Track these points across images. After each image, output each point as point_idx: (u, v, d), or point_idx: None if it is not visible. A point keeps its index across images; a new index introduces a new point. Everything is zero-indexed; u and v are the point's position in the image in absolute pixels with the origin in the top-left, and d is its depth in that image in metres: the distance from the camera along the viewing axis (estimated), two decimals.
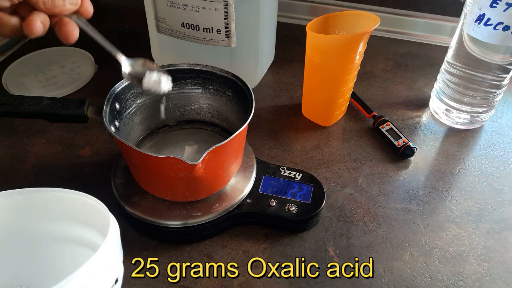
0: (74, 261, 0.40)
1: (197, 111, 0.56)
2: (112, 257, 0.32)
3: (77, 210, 0.38)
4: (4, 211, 0.38)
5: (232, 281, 0.44)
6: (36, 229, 0.40)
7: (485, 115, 0.62)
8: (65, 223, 0.39)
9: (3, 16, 0.35)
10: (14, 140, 0.59)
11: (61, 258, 0.41)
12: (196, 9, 0.57)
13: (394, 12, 0.83)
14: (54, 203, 0.38)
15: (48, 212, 0.39)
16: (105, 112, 0.45)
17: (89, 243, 0.39)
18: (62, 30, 0.37)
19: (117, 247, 0.34)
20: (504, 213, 0.52)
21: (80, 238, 0.40)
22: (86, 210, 0.37)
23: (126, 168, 0.50)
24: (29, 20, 0.35)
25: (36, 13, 0.35)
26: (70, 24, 0.37)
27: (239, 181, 0.50)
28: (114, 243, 0.33)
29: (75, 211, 0.38)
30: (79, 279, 0.29)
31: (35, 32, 0.35)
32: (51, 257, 0.41)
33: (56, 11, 0.36)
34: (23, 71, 0.71)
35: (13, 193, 0.38)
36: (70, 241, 0.40)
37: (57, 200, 0.38)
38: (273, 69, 0.73)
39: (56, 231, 0.40)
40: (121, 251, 0.35)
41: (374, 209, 0.51)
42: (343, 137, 0.61)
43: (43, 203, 0.38)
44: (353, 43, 0.54)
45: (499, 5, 0.50)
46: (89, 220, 0.38)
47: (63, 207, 0.38)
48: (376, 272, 0.45)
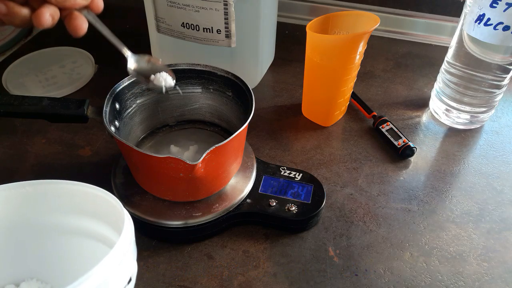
0: (86, 255, 0.40)
1: (197, 111, 0.56)
2: (126, 255, 0.32)
3: (89, 204, 0.37)
4: (15, 202, 0.38)
5: (232, 281, 0.44)
6: (47, 221, 0.39)
7: (485, 115, 0.62)
8: (77, 216, 0.39)
9: (15, 6, 0.35)
10: (14, 140, 0.59)
11: (72, 251, 0.41)
12: (196, 9, 0.57)
13: (394, 12, 0.83)
14: (65, 196, 0.38)
15: (59, 204, 0.38)
16: (105, 112, 0.45)
17: (100, 237, 0.39)
18: (72, 24, 0.38)
19: (132, 244, 0.33)
20: (504, 213, 0.52)
21: (92, 232, 0.39)
22: (98, 203, 0.37)
23: (126, 168, 0.50)
24: (39, 12, 0.35)
25: (47, 6, 0.36)
26: (80, 18, 0.38)
27: (239, 181, 0.50)
28: (129, 241, 0.32)
29: (87, 204, 0.38)
30: (93, 278, 0.28)
31: (43, 23, 0.36)
32: (62, 249, 0.41)
33: (67, 5, 0.37)
34: (23, 71, 0.71)
35: (24, 185, 0.38)
36: (81, 234, 0.40)
37: (69, 193, 0.38)
38: (273, 69, 0.73)
39: (67, 223, 0.39)
40: (135, 248, 0.35)
41: (374, 209, 0.51)
42: (343, 137, 0.61)
43: (55, 195, 0.38)
44: (353, 43, 0.54)
45: (499, 5, 0.50)
46: (101, 214, 0.38)
47: (75, 200, 0.38)
48: (376, 272, 0.45)
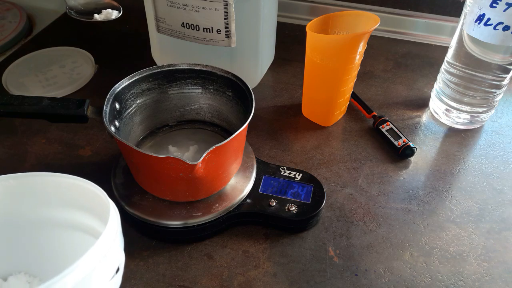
0: (74, 247, 0.40)
1: (197, 111, 0.56)
2: (113, 245, 0.31)
3: (76, 196, 0.37)
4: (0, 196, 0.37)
5: (232, 281, 0.44)
6: (34, 214, 0.39)
7: (485, 115, 0.62)
8: (64, 209, 0.38)
9: None
10: (14, 140, 0.59)
11: (60, 243, 0.40)
12: (196, 9, 0.57)
13: (394, 12, 0.83)
14: (51, 188, 0.37)
15: (45, 197, 0.38)
16: (105, 112, 0.45)
17: (88, 229, 0.38)
18: None
19: (118, 234, 0.33)
20: (504, 213, 0.52)
21: (79, 224, 0.39)
22: (85, 195, 0.36)
23: (126, 168, 0.50)
24: None
25: None
26: None
27: (239, 181, 0.50)
28: (114, 231, 0.32)
29: (74, 197, 0.37)
30: (80, 270, 0.28)
31: None
32: (50, 242, 0.40)
33: None
34: (23, 71, 0.71)
35: (8, 178, 0.37)
36: (69, 227, 0.39)
37: (55, 185, 0.37)
38: (273, 69, 0.73)
39: (54, 216, 0.39)
40: (122, 238, 0.34)
41: (374, 209, 0.51)
42: (343, 137, 0.61)
43: (40, 188, 0.37)
44: (353, 43, 0.54)
45: (499, 5, 0.50)
46: (88, 205, 0.37)
47: (61, 192, 0.37)
48: (376, 272, 0.45)
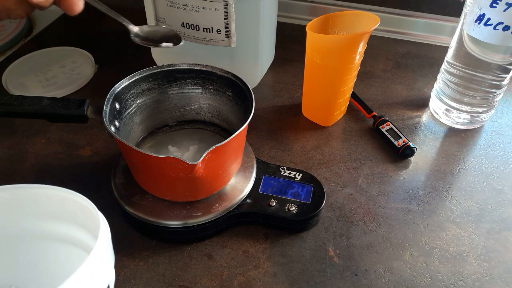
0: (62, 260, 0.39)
1: (197, 111, 0.56)
2: (103, 263, 0.31)
3: (66, 209, 0.36)
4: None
5: (232, 281, 0.44)
6: (23, 227, 0.38)
7: (485, 115, 0.62)
8: (53, 222, 0.38)
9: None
10: (14, 140, 0.59)
11: (48, 256, 0.40)
12: (196, 9, 0.57)
13: (394, 12, 0.83)
14: (41, 201, 0.36)
15: (35, 210, 0.37)
16: (105, 112, 0.45)
17: (78, 243, 0.38)
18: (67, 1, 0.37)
19: (108, 251, 0.32)
20: (504, 213, 0.52)
21: (70, 237, 0.38)
22: (75, 208, 0.35)
23: (126, 168, 0.50)
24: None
25: None
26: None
27: (239, 181, 0.50)
28: (104, 248, 0.31)
29: (64, 210, 0.36)
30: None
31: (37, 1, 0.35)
32: (39, 256, 0.39)
33: None
34: (23, 71, 0.71)
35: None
36: (59, 240, 0.39)
37: (45, 198, 0.36)
38: (273, 69, 0.73)
39: (44, 229, 0.38)
40: (113, 255, 0.34)
41: (374, 209, 0.51)
42: (343, 137, 0.61)
43: (30, 200, 0.37)
44: (353, 43, 0.54)
45: (499, 5, 0.50)
46: (78, 219, 0.36)
47: (51, 205, 0.36)
48: (376, 272, 0.45)
